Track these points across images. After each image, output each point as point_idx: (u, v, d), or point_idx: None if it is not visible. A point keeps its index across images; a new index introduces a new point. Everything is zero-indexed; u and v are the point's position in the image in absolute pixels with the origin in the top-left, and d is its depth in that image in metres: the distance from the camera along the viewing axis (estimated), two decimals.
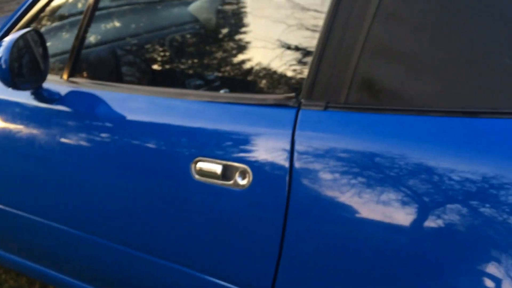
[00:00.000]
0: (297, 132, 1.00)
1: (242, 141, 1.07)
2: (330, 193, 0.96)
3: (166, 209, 1.19)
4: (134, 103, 1.28)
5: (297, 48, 1.23)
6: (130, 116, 1.25)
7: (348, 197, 0.94)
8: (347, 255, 0.95)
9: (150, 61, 1.72)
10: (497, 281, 0.81)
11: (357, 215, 0.93)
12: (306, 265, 1.01)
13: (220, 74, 1.50)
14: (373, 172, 0.91)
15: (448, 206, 0.84)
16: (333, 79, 0.98)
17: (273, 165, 1.01)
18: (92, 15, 1.41)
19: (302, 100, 1.01)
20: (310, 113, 1.00)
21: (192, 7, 1.79)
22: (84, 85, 1.39)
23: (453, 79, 0.89)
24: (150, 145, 1.20)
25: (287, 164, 0.99)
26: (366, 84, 0.97)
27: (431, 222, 0.86)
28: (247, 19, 1.50)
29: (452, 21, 0.90)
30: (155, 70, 1.68)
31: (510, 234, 0.80)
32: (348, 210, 0.94)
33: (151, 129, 1.21)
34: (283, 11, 1.29)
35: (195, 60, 1.64)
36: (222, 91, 1.45)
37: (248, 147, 1.06)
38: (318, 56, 1.00)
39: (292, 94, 1.04)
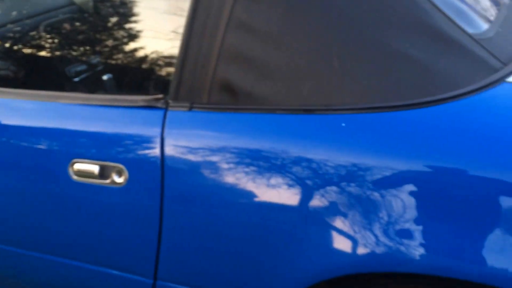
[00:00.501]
0: (165, 131, 1.11)
1: (117, 141, 1.16)
2: (197, 183, 1.09)
3: (51, 209, 1.26)
4: (7, 107, 1.30)
5: (164, 51, 1.33)
6: (5, 121, 1.29)
7: (212, 185, 1.08)
8: (219, 237, 1.10)
9: (19, 58, 1.71)
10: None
11: (224, 200, 1.08)
12: (183, 249, 1.15)
13: (91, 73, 1.56)
14: (231, 163, 1.06)
15: (291, 188, 1.01)
16: (195, 82, 1.10)
17: (146, 163, 1.12)
18: None
19: (170, 101, 1.13)
20: (177, 114, 1.12)
21: None
22: None
23: (294, 81, 1.05)
24: (29, 149, 1.24)
25: (158, 161, 1.11)
26: (224, 86, 1.09)
27: (275, 197, 1.03)
28: (119, 20, 1.56)
29: (291, 32, 1.05)
30: (25, 69, 1.68)
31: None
32: (214, 196, 1.08)
33: (29, 134, 1.25)
34: (153, 12, 1.38)
35: (66, 57, 1.67)
36: (105, 77, 1.52)
37: (122, 147, 1.15)
38: (181, 61, 1.11)
39: (161, 96, 1.14)
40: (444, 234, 0.95)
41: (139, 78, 1.43)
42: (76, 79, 1.64)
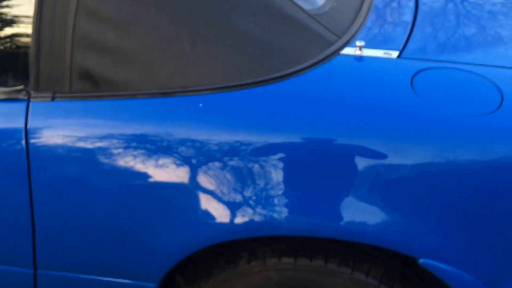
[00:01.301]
0: (29, 123, 1.13)
1: None
2: (64, 171, 1.14)
3: None
4: None
5: (21, 38, 1.31)
6: None
7: (78, 171, 1.13)
8: (91, 220, 1.16)
9: None
10: None
11: (90, 184, 1.13)
12: (58, 236, 1.19)
13: None
14: (96, 150, 1.11)
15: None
16: (54, 71, 1.12)
17: (12, 156, 1.14)
18: None
19: (31, 92, 1.14)
20: (40, 104, 1.14)
21: None
22: None
23: (151, 66, 1.11)
24: None
25: (24, 153, 1.13)
26: (84, 74, 1.13)
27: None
28: None
29: (141, 18, 1.10)
30: None
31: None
32: (81, 182, 1.14)
33: None
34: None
35: None
36: None
37: None
38: (36, 51, 1.12)
39: (21, 87, 1.15)
40: (305, 199, 1.09)
41: None
42: None
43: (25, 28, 1.29)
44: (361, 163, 1.04)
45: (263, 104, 1.09)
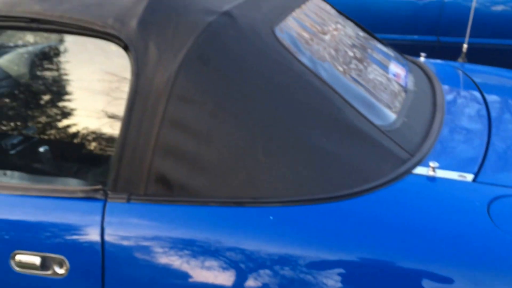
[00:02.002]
0: (105, 222, 1.17)
1: (57, 233, 1.21)
2: (137, 271, 1.16)
3: None
4: None
5: (103, 136, 1.41)
6: None
7: (149, 273, 1.15)
8: None
9: None
10: None
11: (160, 285, 1.15)
12: None
13: (28, 146, 1.60)
14: (168, 252, 1.13)
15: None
16: (132, 174, 1.18)
17: (87, 254, 1.18)
18: None
19: (108, 192, 1.19)
20: (115, 205, 1.19)
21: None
22: None
23: (224, 175, 1.15)
24: None
25: (99, 252, 1.17)
26: (160, 179, 1.18)
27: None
28: (57, 97, 1.62)
29: (219, 129, 1.16)
30: None
31: None
32: (152, 281, 1.15)
33: None
34: (93, 93, 1.45)
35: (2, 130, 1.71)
36: (41, 149, 1.56)
37: (62, 239, 1.20)
38: (119, 155, 1.19)
39: (99, 186, 1.21)
40: None
41: (76, 162, 1.49)
42: (12, 152, 1.68)
43: (112, 130, 1.38)
44: None
45: (333, 220, 1.09)
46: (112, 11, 1.25)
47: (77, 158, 1.49)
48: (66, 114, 1.54)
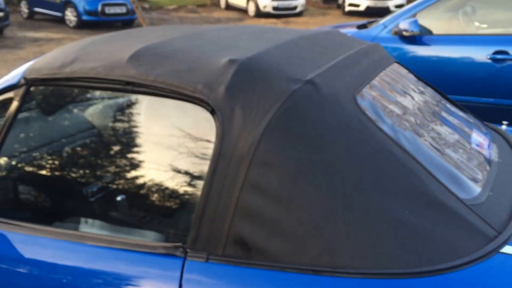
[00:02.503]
0: (184, 279, 1.19)
1: (137, 286, 1.24)
2: None
3: None
4: (33, 244, 1.39)
5: (183, 199, 1.45)
6: (31, 257, 1.37)
7: None
8: None
9: (41, 183, 1.83)
10: None
11: None
12: None
13: (106, 194, 1.67)
14: None
15: None
16: (212, 235, 1.21)
17: None
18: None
19: (188, 251, 1.22)
20: (194, 264, 1.21)
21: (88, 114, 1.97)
22: None
23: (303, 241, 1.14)
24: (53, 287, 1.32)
25: None
26: (238, 241, 1.19)
27: None
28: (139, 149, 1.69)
29: (300, 195, 1.16)
30: (47, 194, 1.80)
31: None
32: None
33: (53, 272, 1.33)
34: (173, 151, 1.51)
35: (84, 179, 1.79)
36: (121, 199, 1.62)
37: None
38: (199, 216, 1.22)
39: (180, 244, 1.24)
40: None
41: (155, 215, 1.53)
42: (92, 199, 1.76)
43: (193, 189, 1.42)
44: None
45: None
46: (201, 77, 1.32)
47: (156, 212, 1.54)
48: (149, 168, 1.61)
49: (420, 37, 4.26)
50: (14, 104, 1.57)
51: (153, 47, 1.48)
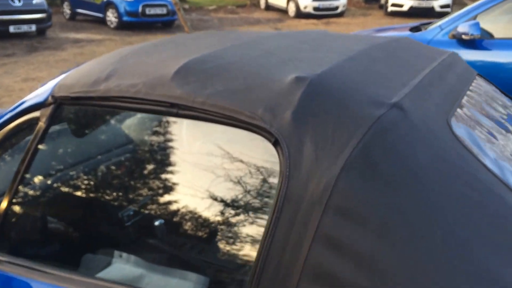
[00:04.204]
0: None
1: None
2: None
3: None
4: None
5: (239, 247, 1.23)
6: None
7: None
8: None
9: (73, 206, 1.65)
10: None
11: None
12: None
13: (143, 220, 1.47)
14: None
15: None
16: None
17: None
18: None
19: None
20: None
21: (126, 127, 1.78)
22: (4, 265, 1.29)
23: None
24: None
25: None
26: None
27: None
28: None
29: (385, 256, 0.92)
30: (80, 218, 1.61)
31: None
32: None
33: None
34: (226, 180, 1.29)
35: (119, 201, 1.60)
36: (157, 223, 1.42)
37: None
38: (258, 271, 0.99)
39: None
40: None
41: (200, 257, 1.32)
42: (128, 223, 1.57)
43: (251, 239, 1.20)
44: None
45: None
46: (262, 99, 1.08)
47: (203, 255, 1.32)
48: (197, 208, 1.40)
49: (481, 41, 3.94)
50: (40, 126, 1.37)
51: (202, 60, 1.25)
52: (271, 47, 1.41)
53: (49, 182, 1.66)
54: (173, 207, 1.46)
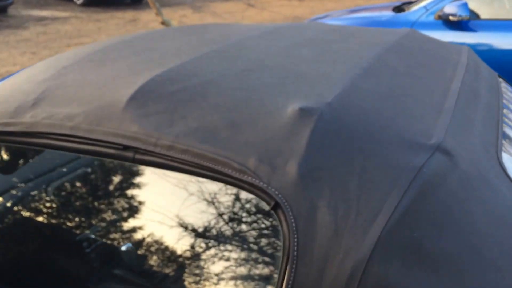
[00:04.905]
0: None
1: None
2: None
3: None
4: None
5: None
6: None
7: None
8: None
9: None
10: None
11: None
12: None
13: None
14: None
15: None
16: None
17: None
18: None
19: None
20: None
21: None
22: None
23: None
24: None
25: None
26: None
27: None
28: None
29: None
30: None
31: None
32: None
33: None
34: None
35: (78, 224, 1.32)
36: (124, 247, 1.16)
37: None
38: None
39: None
40: None
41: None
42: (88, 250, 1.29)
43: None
44: None
45: None
46: (254, 143, 0.77)
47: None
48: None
49: (469, 22, 3.71)
50: None
51: (168, 78, 0.92)
52: (260, 54, 1.09)
53: None
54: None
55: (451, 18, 3.65)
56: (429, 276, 0.67)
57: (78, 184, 1.47)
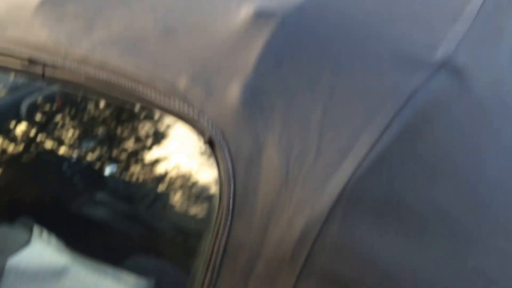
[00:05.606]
0: None
1: None
2: None
3: None
4: None
5: None
6: None
7: None
8: None
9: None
10: None
11: None
12: None
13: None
14: None
15: None
16: None
17: None
18: None
19: None
20: None
21: None
22: None
23: None
24: None
25: None
26: None
27: None
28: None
29: None
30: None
31: None
32: None
33: None
34: None
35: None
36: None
37: None
38: None
39: None
40: None
41: None
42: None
43: None
44: None
45: None
46: (187, 57, 0.58)
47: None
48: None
49: None
50: None
51: None
52: None
53: None
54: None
55: None
56: (410, 242, 0.50)
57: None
